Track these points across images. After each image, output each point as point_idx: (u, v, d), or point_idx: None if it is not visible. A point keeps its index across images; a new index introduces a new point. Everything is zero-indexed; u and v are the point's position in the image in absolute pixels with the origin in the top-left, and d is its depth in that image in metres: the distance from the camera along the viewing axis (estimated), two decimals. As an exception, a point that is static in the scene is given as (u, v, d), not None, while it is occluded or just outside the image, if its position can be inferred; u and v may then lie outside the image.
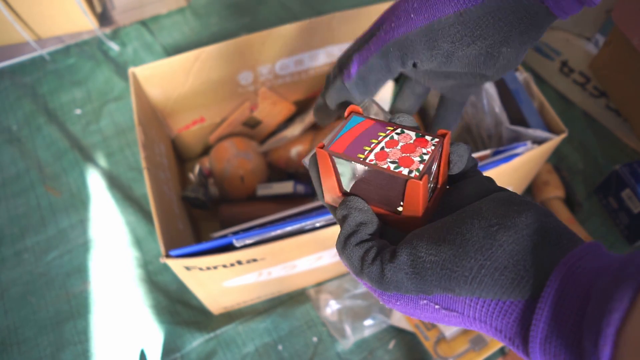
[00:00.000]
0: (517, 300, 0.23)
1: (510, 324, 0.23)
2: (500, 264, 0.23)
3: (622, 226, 0.76)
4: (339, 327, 0.69)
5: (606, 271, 0.21)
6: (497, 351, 0.66)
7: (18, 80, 1.00)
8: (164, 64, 0.70)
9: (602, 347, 0.19)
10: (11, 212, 0.83)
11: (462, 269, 0.24)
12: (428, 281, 0.25)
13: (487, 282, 0.24)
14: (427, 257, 0.25)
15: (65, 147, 0.90)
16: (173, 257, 0.52)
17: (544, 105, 0.66)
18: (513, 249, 0.24)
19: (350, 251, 0.27)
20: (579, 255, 0.23)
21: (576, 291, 0.22)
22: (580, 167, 0.84)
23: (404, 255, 0.26)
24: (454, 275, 0.24)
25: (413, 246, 0.26)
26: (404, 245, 0.26)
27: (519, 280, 0.23)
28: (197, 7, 1.10)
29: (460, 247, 0.25)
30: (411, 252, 0.26)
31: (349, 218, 0.28)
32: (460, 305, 0.25)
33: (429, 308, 0.26)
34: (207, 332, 0.70)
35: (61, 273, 0.77)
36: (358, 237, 0.28)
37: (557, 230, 0.24)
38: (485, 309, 0.24)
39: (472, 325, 0.26)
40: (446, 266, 0.25)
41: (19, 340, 0.71)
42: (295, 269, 0.64)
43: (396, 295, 0.27)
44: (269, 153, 0.82)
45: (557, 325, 0.22)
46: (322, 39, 0.77)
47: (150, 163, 0.61)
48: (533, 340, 0.22)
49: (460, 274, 0.24)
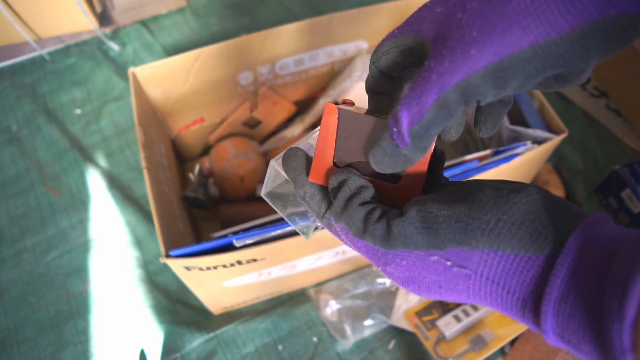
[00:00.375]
0: (535, 254, 0.23)
1: (526, 282, 0.23)
2: (517, 219, 0.23)
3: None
4: (339, 327, 0.69)
5: (630, 234, 0.21)
6: (497, 351, 0.66)
7: (18, 80, 1.00)
8: (164, 64, 0.70)
9: (628, 306, 0.19)
10: (11, 212, 0.83)
11: (478, 222, 0.23)
12: (441, 235, 0.24)
13: (506, 235, 0.23)
14: (439, 212, 0.24)
15: (65, 147, 0.90)
16: (173, 257, 0.52)
17: (544, 105, 0.66)
18: (527, 208, 0.23)
19: (353, 210, 0.26)
20: (598, 219, 0.23)
21: (598, 252, 0.21)
22: (580, 167, 0.84)
23: (413, 211, 0.25)
24: (469, 227, 0.24)
25: (422, 204, 0.25)
26: (412, 204, 0.25)
27: (537, 235, 0.23)
28: (197, 7, 1.10)
29: (474, 203, 0.24)
30: (421, 208, 0.25)
31: (348, 181, 0.27)
32: (475, 261, 0.24)
33: (439, 267, 0.25)
34: (207, 332, 0.70)
35: (61, 273, 0.77)
36: (361, 198, 0.26)
37: (564, 202, 0.24)
38: (502, 265, 0.23)
39: (480, 291, 0.24)
40: (461, 219, 0.24)
41: (19, 340, 0.71)
42: (295, 269, 0.64)
43: (402, 253, 0.25)
44: (269, 153, 0.82)
45: (575, 283, 0.21)
46: (322, 39, 0.77)
47: (150, 163, 0.61)
48: (548, 298, 0.22)
49: (477, 226, 0.23)
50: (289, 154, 0.30)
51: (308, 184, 0.29)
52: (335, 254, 0.64)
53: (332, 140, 0.28)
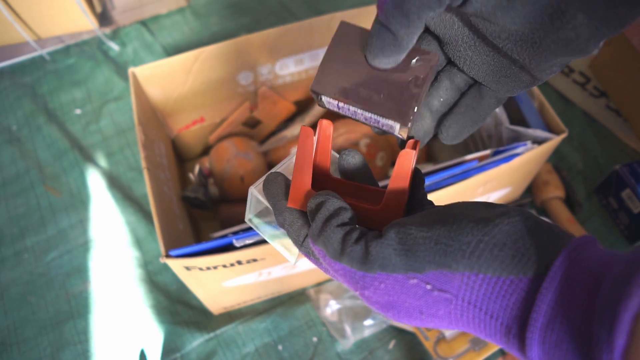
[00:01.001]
0: (518, 277, 0.22)
1: (509, 306, 0.22)
2: (498, 240, 0.22)
3: (622, 226, 0.76)
4: (339, 327, 0.69)
5: (619, 258, 0.20)
6: (497, 351, 0.66)
7: (18, 80, 1.00)
8: (164, 64, 0.70)
9: (618, 333, 0.18)
10: (11, 212, 0.83)
11: (458, 243, 0.23)
12: (420, 257, 0.23)
13: (487, 257, 0.22)
14: (419, 233, 0.24)
15: (65, 147, 0.90)
16: (173, 257, 0.52)
17: (544, 105, 0.66)
18: (509, 229, 0.23)
19: (331, 232, 0.25)
20: (584, 241, 0.22)
21: (585, 276, 0.20)
22: (580, 167, 0.84)
23: (392, 232, 0.24)
24: (449, 249, 0.23)
25: (401, 225, 0.24)
26: (391, 226, 0.25)
27: (520, 257, 0.22)
28: (197, 7, 1.10)
29: (454, 224, 0.23)
30: (399, 230, 0.24)
31: (327, 203, 0.26)
32: (456, 285, 0.23)
33: (419, 290, 0.24)
34: (207, 332, 0.70)
35: (61, 273, 0.77)
36: (339, 219, 0.25)
37: (548, 223, 0.24)
38: (483, 289, 0.22)
39: (462, 317, 0.23)
40: (440, 241, 0.23)
41: (19, 340, 0.71)
42: (295, 269, 0.64)
43: (381, 276, 0.24)
44: (269, 153, 0.82)
45: (562, 309, 0.20)
46: (322, 39, 0.77)
47: (150, 163, 0.61)
48: (533, 324, 0.21)
49: (457, 247, 0.23)
50: (269, 179, 0.29)
51: (287, 210, 0.28)
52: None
53: (309, 163, 0.28)
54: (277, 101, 0.82)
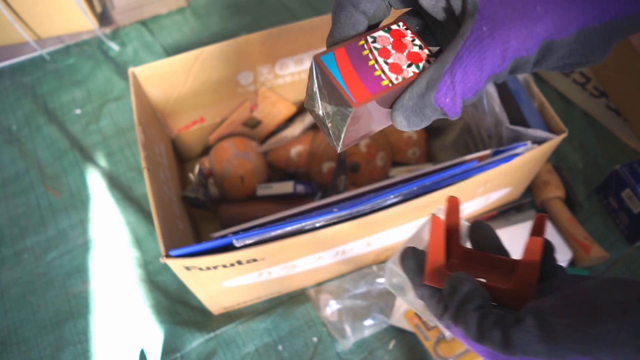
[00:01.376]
0: None
1: None
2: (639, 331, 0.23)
3: (622, 226, 0.76)
4: (339, 327, 0.69)
5: None
6: (497, 351, 0.66)
7: (18, 80, 1.00)
8: (164, 64, 0.70)
9: None
10: (11, 212, 0.83)
11: (598, 331, 0.23)
12: (561, 344, 0.24)
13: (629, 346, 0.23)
14: (556, 320, 0.24)
15: (65, 147, 0.90)
16: (173, 257, 0.52)
17: (544, 105, 0.66)
18: None
19: (468, 316, 0.26)
20: None
21: None
22: (580, 167, 0.84)
23: (529, 319, 0.25)
24: (589, 337, 0.23)
25: (536, 311, 0.25)
26: (527, 311, 0.25)
27: None
28: (197, 7, 1.10)
29: (591, 310, 0.24)
30: (536, 315, 0.25)
31: (462, 285, 0.27)
32: None
33: None
34: (207, 332, 0.70)
35: (61, 273, 0.77)
36: (475, 304, 0.27)
37: None
38: None
39: None
40: (579, 328, 0.24)
41: (19, 340, 0.71)
42: (295, 269, 0.64)
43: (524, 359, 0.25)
44: (269, 153, 0.82)
45: None
46: (322, 39, 0.77)
47: (150, 163, 0.61)
48: None
49: (597, 334, 0.23)
50: (405, 255, 0.31)
51: (425, 285, 0.30)
52: (335, 254, 0.64)
53: (442, 247, 0.30)
54: (277, 101, 0.82)
